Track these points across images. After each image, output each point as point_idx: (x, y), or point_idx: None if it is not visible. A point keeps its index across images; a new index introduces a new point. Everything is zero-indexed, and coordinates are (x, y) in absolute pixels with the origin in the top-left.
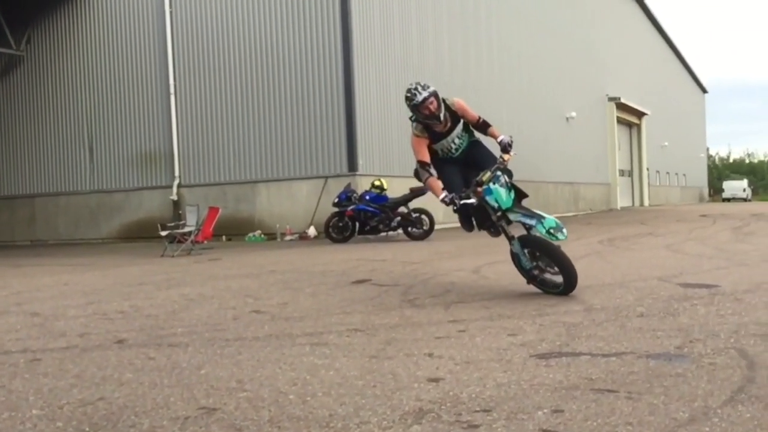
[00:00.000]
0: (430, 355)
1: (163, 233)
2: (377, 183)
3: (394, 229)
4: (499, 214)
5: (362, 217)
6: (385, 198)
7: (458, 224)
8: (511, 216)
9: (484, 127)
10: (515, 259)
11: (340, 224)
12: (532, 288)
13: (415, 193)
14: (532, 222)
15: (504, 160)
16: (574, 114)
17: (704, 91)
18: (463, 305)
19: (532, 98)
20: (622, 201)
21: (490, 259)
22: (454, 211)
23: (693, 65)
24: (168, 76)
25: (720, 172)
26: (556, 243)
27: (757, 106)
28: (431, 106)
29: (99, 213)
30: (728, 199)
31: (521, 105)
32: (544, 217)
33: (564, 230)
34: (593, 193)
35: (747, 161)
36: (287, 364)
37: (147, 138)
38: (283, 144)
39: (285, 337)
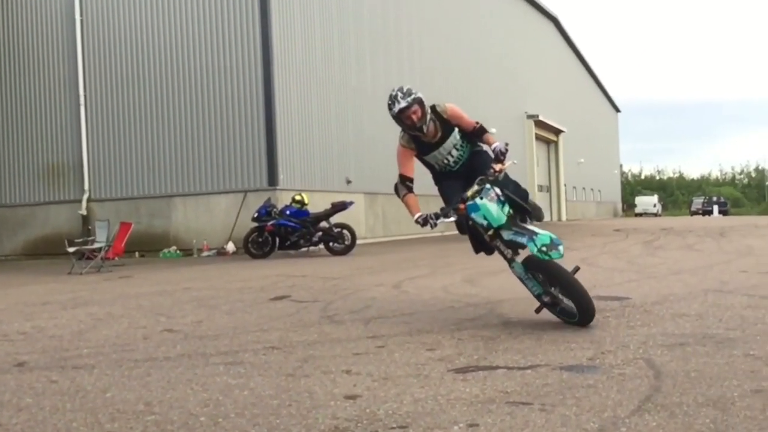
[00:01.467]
0: (348, 372)
1: (71, 249)
2: (298, 197)
3: (316, 244)
4: (490, 233)
5: (282, 232)
6: (306, 213)
7: (379, 239)
8: (504, 234)
9: (480, 134)
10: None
11: (260, 239)
12: (451, 302)
13: (337, 207)
14: (524, 240)
15: (495, 171)
16: (494, 130)
17: (617, 110)
18: (382, 321)
19: None
20: None
21: (412, 274)
22: (461, 232)
23: (607, 85)
24: (78, 86)
25: (633, 188)
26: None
27: (666, 125)
28: (414, 116)
29: (1, 228)
30: (640, 214)
31: None
32: (536, 234)
33: (560, 247)
34: None
35: (657, 178)
36: (199, 384)
37: (55, 149)
38: (201, 157)
39: (198, 356)
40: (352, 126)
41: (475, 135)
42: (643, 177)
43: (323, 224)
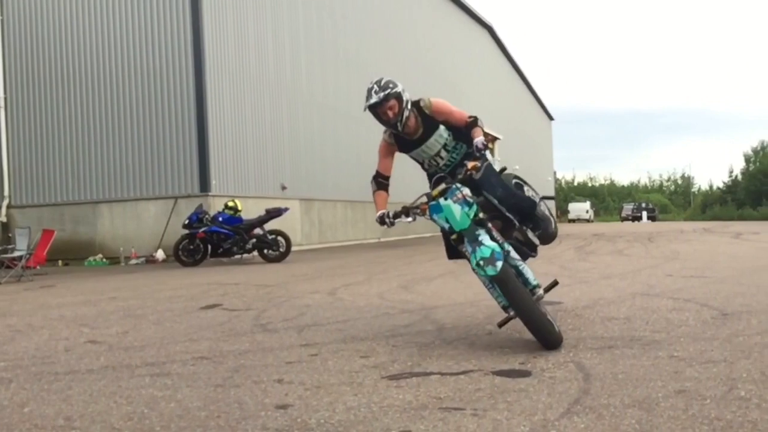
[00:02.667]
0: (280, 381)
1: None
2: (231, 204)
3: (249, 251)
4: (454, 237)
5: (215, 239)
6: (240, 219)
7: (315, 246)
8: (466, 240)
9: (469, 128)
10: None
11: (191, 247)
12: (387, 309)
13: (271, 214)
14: (470, 250)
15: (467, 169)
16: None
17: (551, 118)
18: (316, 328)
19: None
20: None
21: (348, 280)
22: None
23: (541, 94)
24: None
25: (566, 194)
26: (484, 276)
27: (598, 133)
28: (390, 112)
29: None
30: (573, 220)
31: (379, 126)
32: (481, 245)
33: (497, 264)
34: None
35: (590, 185)
36: (123, 397)
37: None
38: (129, 161)
39: (123, 368)
40: (287, 131)
41: (467, 130)
42: (576, 184)
43: (257, 231)
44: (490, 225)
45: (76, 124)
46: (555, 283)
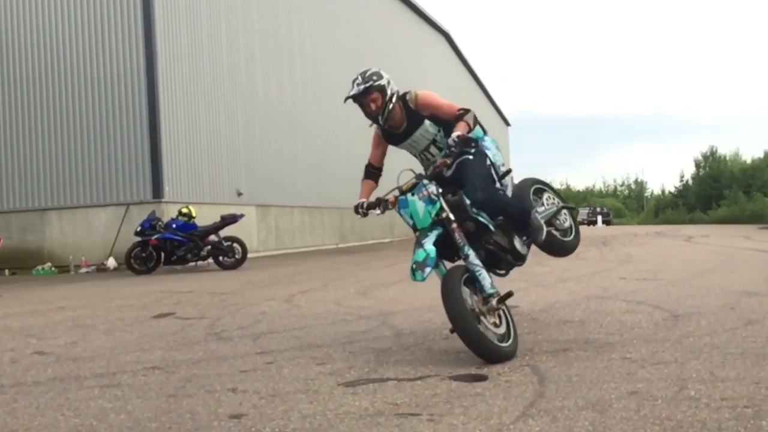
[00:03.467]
0: (234, 390)
1: None
2: (185, 210)
3: (204, 258)
4: (417, 233)
5: (168, 247)
6: (194, 226)
7: (272, 252)
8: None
9: (455, 122)
10: None
11: (144, 254)
12: (344, 315)
13: (227, 220)
14: (414, 250)
15: (437, 165)
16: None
17: (507, 123)
18: (272, 336)
19: (347, 126)
20: None
21: (304, 287)
22: None
23: (497, 99)
24: None
25: None
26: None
27: (553, 138)
28: (372, 104)
29: None
30: None
31: (336, 132)
32: (420, 247)
33: (426, 270)
34: None
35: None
36: (71, 409)
37: None
38: (79, 168)
39: (71, 379)
40: (243, 137)
41: (454, 124)
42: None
43: (212, 238)
44: (454, 226)
45: (24, 129)
46: (509, 294)
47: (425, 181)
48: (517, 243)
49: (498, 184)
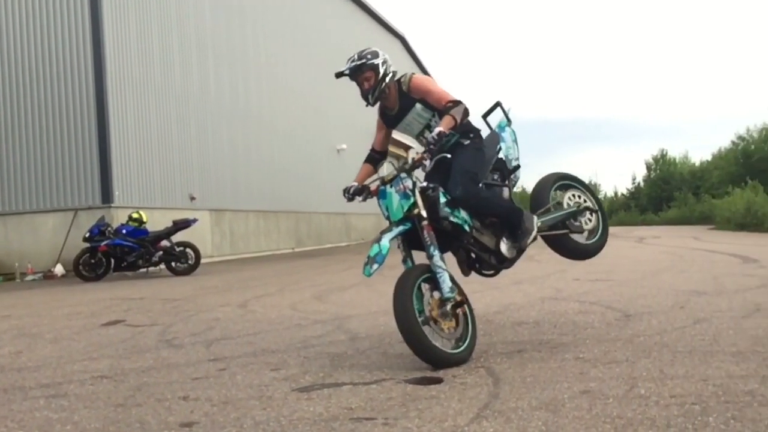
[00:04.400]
0: (185, 398)
1: None
2: (136, 215)
3: (156, 264)
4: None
5: (118, 253)
6: (145, 231)
7: (226, 257)
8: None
9: (443, 114)
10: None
11: (93, 261)
12: (299, 320)
13: (179, 225)
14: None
15: (416, 159)
16: (344, 146)
17: None
18: (225, 342)
19: (302, 130)
20: None
21: (259, 292)
22: None
23: None
24: None
25: None
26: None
27: None
28: (365, 83)
29: None
30: None
31: (292, 136)
32: (377, 241)
33: (373, 267)
34: (365, 223)
35: None
36: (15, 421)
37: None
38: (24, 172)
39: (15, 390)
40: (195, 140)
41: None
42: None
43: (164, 243)
44: (424, 223)
45: None
46: (461, 303)
47: (403, 175)
48: (504, 245)
49: (501, 179)
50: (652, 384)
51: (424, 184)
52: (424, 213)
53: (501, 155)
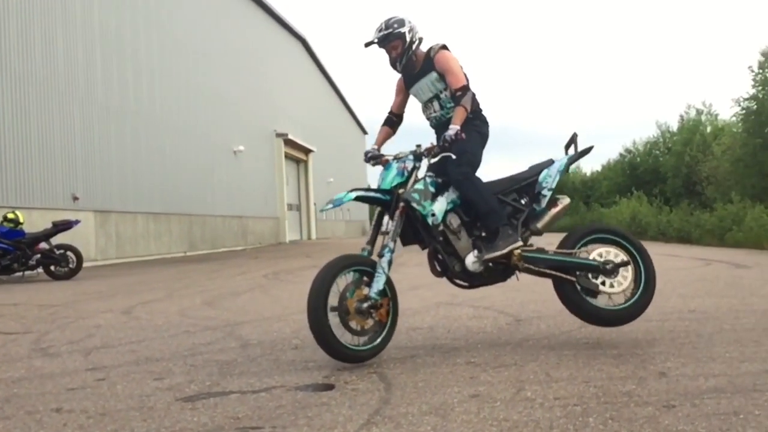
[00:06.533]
0: (59, 410)
1: None
2: (11, 216)
3: (33, 268)
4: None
5: None
6: (22, 233)
7: (112, 261)
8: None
9: (456, 101)
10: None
11: None
12: (187, 327)
13: (59, 227)
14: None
15: (427, 148)
16: (242, 148)
17: (364, 132)
18: (106, 350)
19: (197, 129)
20: (290, 235)
21: (146, 297)
22: None
23: (354, 107)
24: None
25: None
26: None
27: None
28: (393, 51)
29: None
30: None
31: (186, 135)
32: (351, 191)
33: (327, 206)
34: (262, 226)
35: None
36: None
37: None
38: None
39: None
40: (80, 135)
41: (454, 100)
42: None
43: (42, 245)
44: (401, 205)
45: None
46: (381, 307)
47: (410, 156)
48: (471, 256)
49: (529, 201)
50: (538, 387)
51: (425, 174)
52: (405, 197)
53: (539, 178)
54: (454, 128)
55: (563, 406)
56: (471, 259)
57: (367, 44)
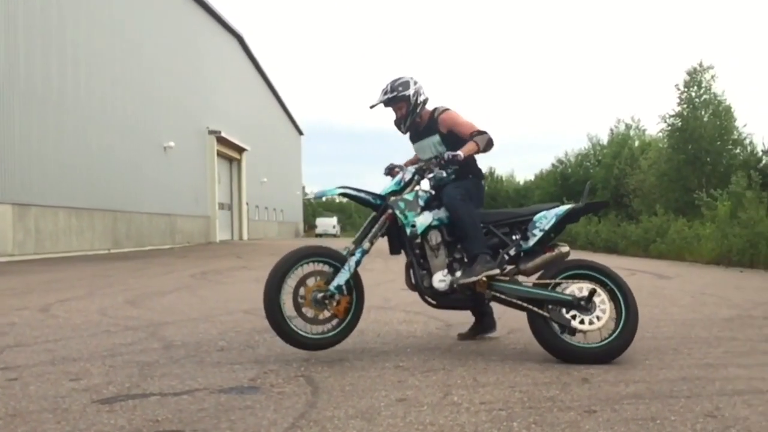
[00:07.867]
0: None
1: None
2: None
3: None
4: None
5: None
6: None
7: (30, 257)
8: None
9: (469, 139)
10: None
11: None
12: (108, 326)
13: None
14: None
15: (428, 160)
16: (172, 144)
17: (301, 133)
18: (20, 349)
19: (125, 123)
20: (221, 234)
21: (65, 295)
22: None
23: (291, 108)
24: None
25: (314, 209)
26: None
27: (346, 150)
28: (398, 112)
29: None
30: (320, 235)
31: (113, 128)
32: (341, 187)
33: (317, 192)
34: (191, 225)
35: (337, 201)
36: None
37: None
38: None
39: None
40: None
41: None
42: (324, 199)
43: None
44: (388, 212)
45: None
46: (337, 302)
47: (411, 169)
48: (439, 274)
49: (519, 236)
50: (465, 391)
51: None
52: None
53: (535, 217)
54: (458, 152)
55: (489, 411)
56: (438, 277)
57: (372, 106)
